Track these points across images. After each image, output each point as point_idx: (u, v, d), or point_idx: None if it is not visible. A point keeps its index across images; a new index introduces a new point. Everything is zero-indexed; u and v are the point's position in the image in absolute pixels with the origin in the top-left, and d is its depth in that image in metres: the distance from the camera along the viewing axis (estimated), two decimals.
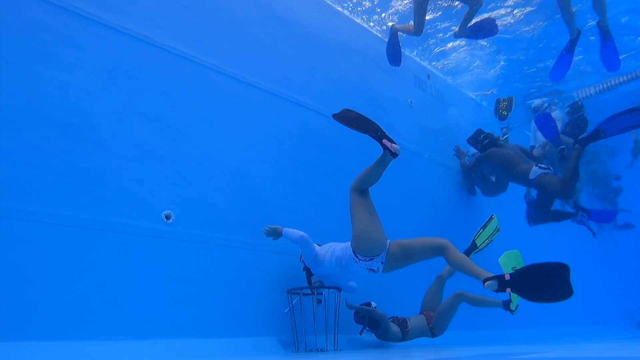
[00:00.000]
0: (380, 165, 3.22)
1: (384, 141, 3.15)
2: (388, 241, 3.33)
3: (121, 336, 2.87)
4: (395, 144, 3.17)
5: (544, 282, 2.63)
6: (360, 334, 3.95)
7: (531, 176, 5.52)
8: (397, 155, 3.16)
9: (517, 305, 4.45)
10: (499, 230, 4.59)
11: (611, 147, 10.93)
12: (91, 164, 2.98)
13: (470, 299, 4.34)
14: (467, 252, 4.41)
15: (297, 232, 3.46)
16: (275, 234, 3.53)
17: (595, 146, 5.91)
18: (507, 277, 2.71)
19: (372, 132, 3.22)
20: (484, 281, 2.78)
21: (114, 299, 2.90)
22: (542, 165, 5.51)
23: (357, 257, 3.30)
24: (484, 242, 4.50)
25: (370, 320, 3.89)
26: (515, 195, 6.68)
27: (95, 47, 3.16)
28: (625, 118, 4.14)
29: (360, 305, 3.94)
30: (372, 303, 3.98)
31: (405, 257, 3.30)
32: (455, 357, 2.47)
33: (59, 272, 2.72)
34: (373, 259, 3.28)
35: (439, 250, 3.16)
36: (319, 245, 3.74)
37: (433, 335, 4.23)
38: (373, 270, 3.37)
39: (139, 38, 3.39)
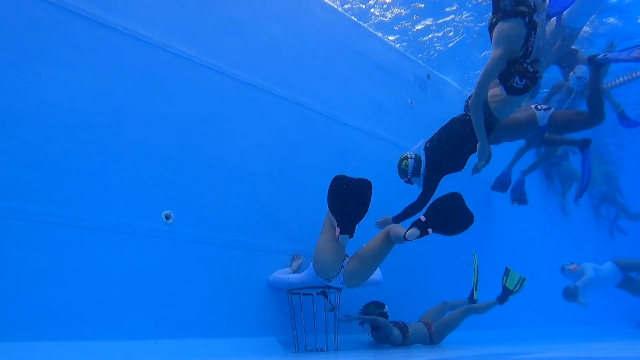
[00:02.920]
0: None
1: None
2: (347, 259, 3.39)
3: (121, 336, 2.87)
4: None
5: (451, 214, 2.99)
6: (360, 324, 3.99)
7: (541, 122, 4.90)
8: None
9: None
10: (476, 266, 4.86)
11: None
12: (91, 164, 2.98)
13: (477, 308, 4.62)
14: (471, 299, 4.75)
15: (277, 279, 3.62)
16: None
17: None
18: (423, 218, 3.02)
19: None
20: (406, 233, 3.00)
21: (114, 299, 2.90)
22: (542, 106, 4.98)
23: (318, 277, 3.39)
24: (476, 280, 4.83)
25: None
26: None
27: (95, 47, 3.15)
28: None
29: (373, 303, 3.96)
30: (386, 306, 3.98)
31: (365, 268, 3.33)
32: (455, 357, 2.47)
33: (59, 272, 2.72)
34: (330, 280, 3.38)
35: (386, 240, 3.21)
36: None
37: (431, 342, 4.25)
38: (336, 288, 3.51)
39: (139, 38, 3.38)
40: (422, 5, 6.49)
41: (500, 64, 3.23)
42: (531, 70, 3.16)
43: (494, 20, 3.29)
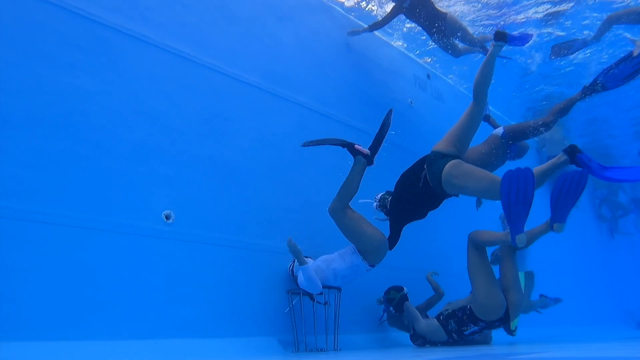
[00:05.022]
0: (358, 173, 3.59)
1: (356, 146, 3.54)
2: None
3: (121, 336, 2.87)
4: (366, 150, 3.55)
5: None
6: (384, 311, 4.15)
7: (500, 132, 4.40)
8: (370, 158, 3.59)
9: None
10: None
11: None
12: (91, 164, 2.98)
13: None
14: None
15: (311, 279, 3.41)
16: (296, 253, 3.45)
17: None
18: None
19: (341, 144, 3.57)
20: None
21: (114, 299, 2.90)
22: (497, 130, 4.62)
23: (371, 266, 3.59)
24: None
25: (398, 303, 4.03)
26: None
27: (95, 47, 3.15)
28: (623, 67, 3.79)
29: (393, 288, 4.12)
30: (405, 288, 4.12)
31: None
32: (455, 357, 2.47)
33: (58, 272, 2.72)
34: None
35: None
36: (325, 257, 3.69)
37: None
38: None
39: (139, 38, 3.38)
40: None
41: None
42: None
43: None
